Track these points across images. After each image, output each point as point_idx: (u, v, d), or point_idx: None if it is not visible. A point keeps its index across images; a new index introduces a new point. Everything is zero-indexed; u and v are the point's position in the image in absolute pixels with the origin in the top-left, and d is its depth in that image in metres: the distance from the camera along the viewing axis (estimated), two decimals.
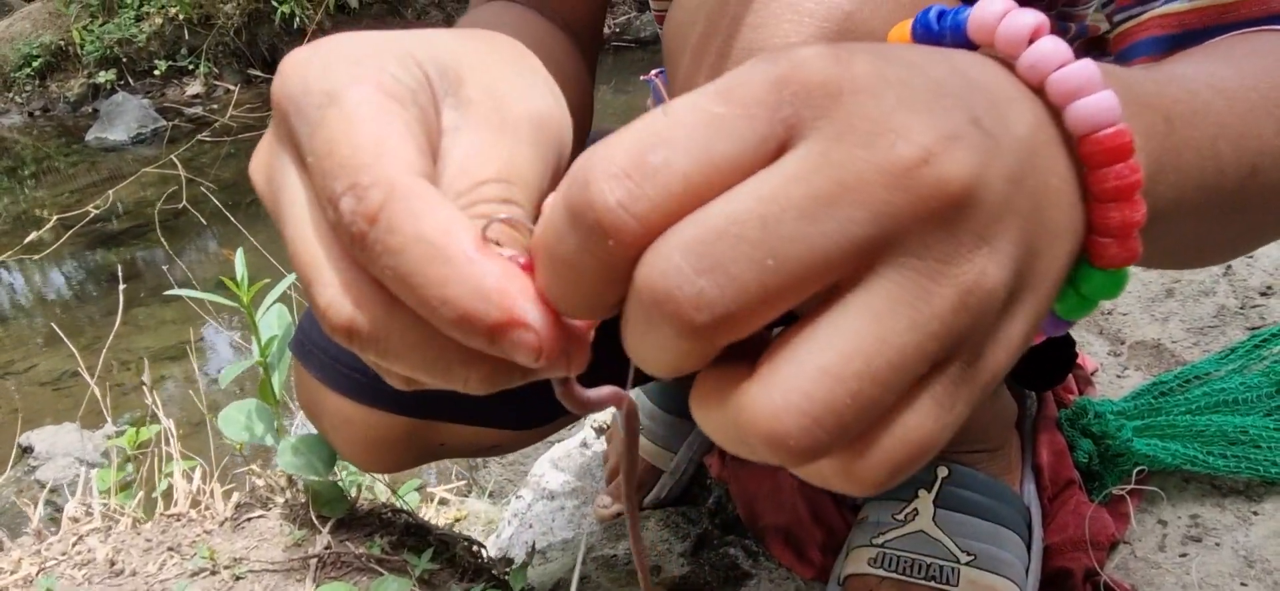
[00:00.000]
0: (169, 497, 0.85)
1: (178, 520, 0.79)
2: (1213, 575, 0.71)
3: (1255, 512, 0.76)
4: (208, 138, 4.68)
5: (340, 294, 0.25)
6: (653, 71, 0.93)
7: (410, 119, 0.26)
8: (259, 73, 5.61)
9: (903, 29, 0.30)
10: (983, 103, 0.23)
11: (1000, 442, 0.75)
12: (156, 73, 5.65)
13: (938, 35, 0.28)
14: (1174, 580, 0.72)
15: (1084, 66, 0.25)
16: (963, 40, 0.27)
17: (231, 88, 5.52)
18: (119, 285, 1.84)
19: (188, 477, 0.85)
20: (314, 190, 0.26)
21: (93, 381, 1.23)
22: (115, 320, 1.78)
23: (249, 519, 0.78)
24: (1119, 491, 0.77)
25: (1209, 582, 0.71)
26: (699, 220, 0.20)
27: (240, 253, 0.75)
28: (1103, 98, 0.25)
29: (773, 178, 0.20)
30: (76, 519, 0.80)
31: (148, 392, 1.08)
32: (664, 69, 0.60)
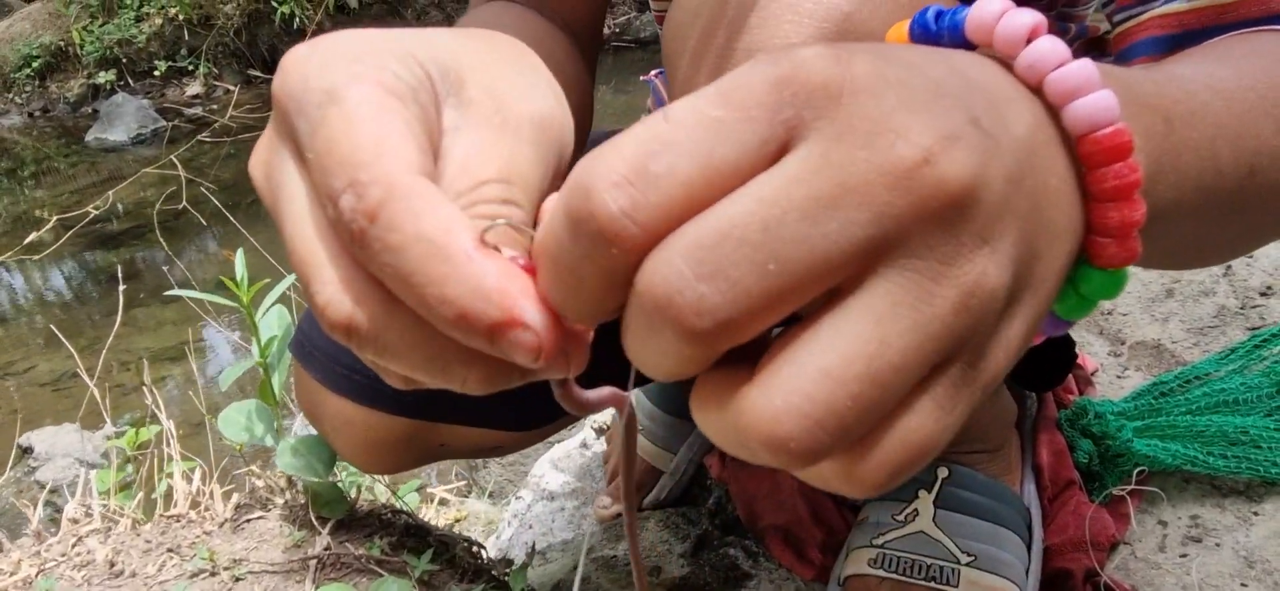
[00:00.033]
0: (169, 498, 0.85)
1: (177, 521, 0.79)
2: (1213, 576, 0.71)
3: (1255, 513, 0.75)
4: (207, 138, 4.69)
5: (339, 291, 0.25)
6: (652, 72, 0.94)
7: (411, 118, 0.26)
8: (259, 73, 5.60)
9: (900, 29, 0.30)
10: (981, 103, 0.23)
11: (1000, 443, 0.74)
12: (156, 73, 5.65)
13: (935, 35, 0.28)
14: (1174, 581, 0.72)
15: (1082, 66, 0.25)
16: (960, 40, 0.27)
17: (231, 88, 5.52)
18: (119, 286, 1.84)
19: (187, 478, 0.85)
20: (313, 187, 0.26)
21: (92, 382, 1.23)
22: (115, 321, 1.78)
23: (249, 520, 0.78)
24: (1119, 492, 0.77)
25: (1209, 583, 0.71)
26: (700, 225, 0.20)
27: (240, 253, 0.75)
28: (1101, 97, 0.25)
29: (773, 180, 0.20)
30: (76, 520, 0.80)
31: (148, 393, 1.08)
32: (663, 69, 0.60)
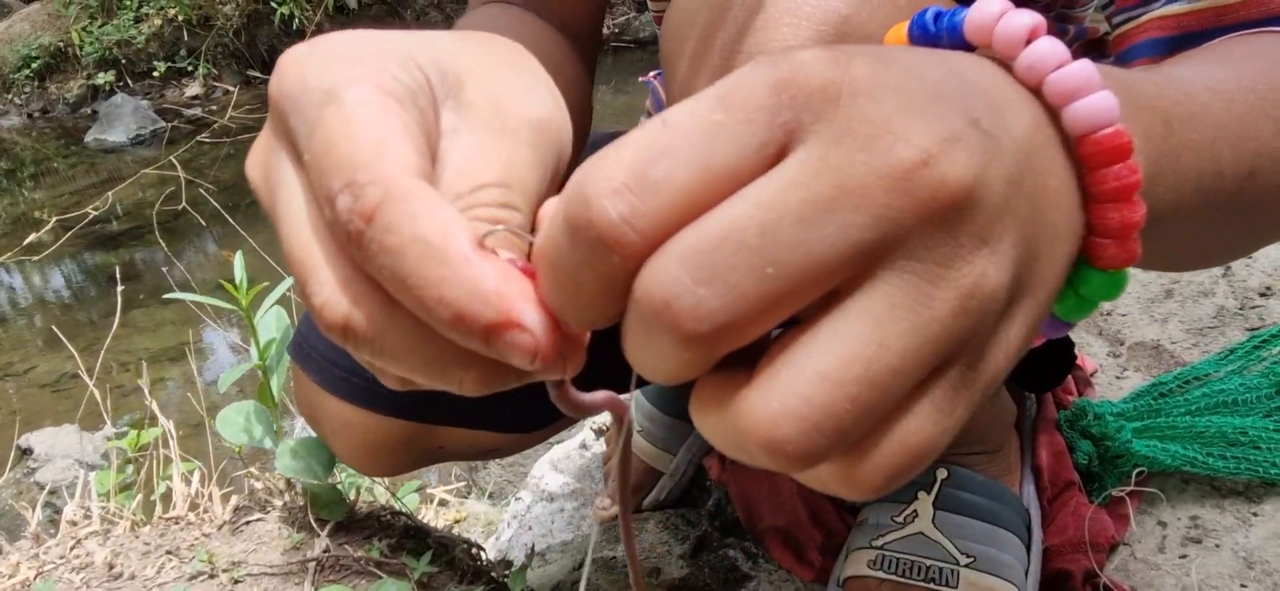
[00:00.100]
0: (167, 500, 0.84)
1: (176, 523, 0.79)
2: (1212, 577, 0.71)
3: (1255, 514, 0.75)
4: (207, 139, 4.69)
5: (336, 292, 0.25)
6: (651, 73, 0.93)
7: (409, 120, 0.26)
8: (258, 74, 5.60)
9: (899, 31, 0.30)
10: (981, 104, 0.22)
11: (999, 444, 0.74)
12: (155, 74, 5.65)
13: (934, 37, 0.28)
14: (1174, 582, 0.72)
15: (1082, 67, 0.25)
16: (960, 42, 0.27)
17: (230, 89, 5.51)
18: (117, 287, 1.84)
19: (186, 480, 0.85)
20: (311, 188, 0.26)
21: (92, 383, 1.23)
22: (113, 321, 1.78)
23: (247, 522, 0.78)
24: (1118, 493, 0.77)
25: (1209, 584, 0.71)
26: (698, 229, 0.20)
27: (238, 256, 0.75)
28: (1101, 98, 0.24)
29: (772, 183, 0.20)
30: (75, 522, 0.80)
31: (147, 396, 1.08)
32: (662, 71, 0.60)
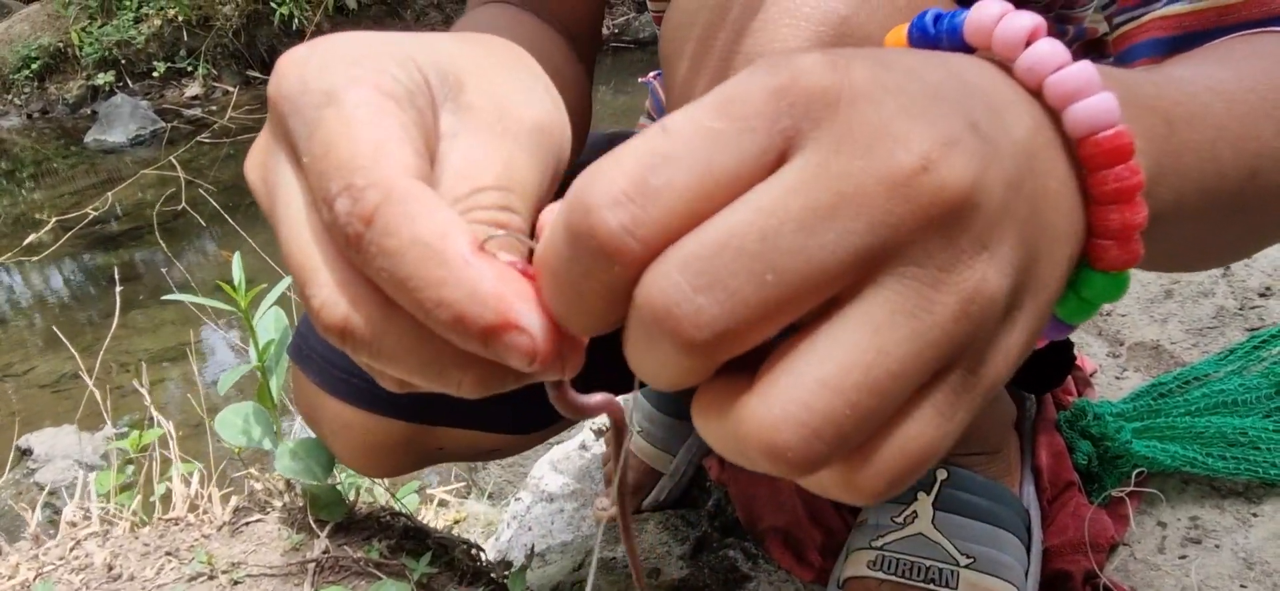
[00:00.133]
0: (167, 501, 0.84)
1: (176, 524, 0.79)
2: (1212, 577, 0.71)
3: (1255, 514, 0.75)
4: (206, 139, 4.68)
5: (335, 294, 0.25)
6: (651, 74, 0.93)
7: (408, 122, 0.26)
8: (258, 74, 5.60)
9: (899, 33, 0.30)
10: (981, 107, 0.22)
11: (999, 445, 0.74)
12: (155, 74, 5.65)
13: (934, 39, 0.28)
14: (1173, 582, 0.72)
15: (1082, 68, 0.25)
16: (959, 43, 0.27)
17: (230, 89, 5.51)
18: (116, 287, 1.84)
19: (186, 481, 0.85)
20: (310, 190, 0.26)
21: (92, 383, 1.23)
22: (113, 322, 1.78)
23: (247, 523, 0.78)
24: (1118, 493, 0.77)
25: (1208, 584, 0.71)
26: (698, 237, 0.20)
27: (237, 257, 0.75)
28: (1102, 100, 0.24)
29: (771, 190, 0.20)
30: (74, 523, 0.80)
31: (146, 397, 1.08)
32: (662, 71, 0.60)
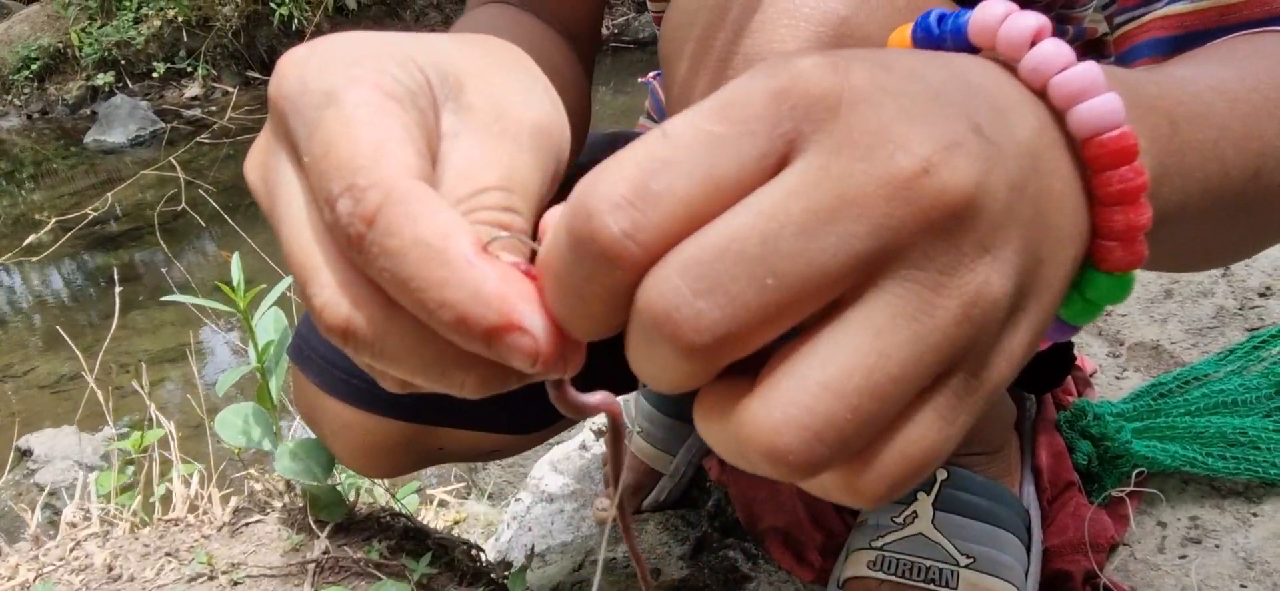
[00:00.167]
0: (167, 502, 0.84)
1: (176, 525, 0.79)
2: (1212, 577, 0.71)
3: (1255, 514, 0.75)
4: (206, 140, 4.68)
5: (336, 294, 0.25)
6: (650, 74, 0.93)
7: (410, 122, 0.26)
8: (257, 75, 5.60)
9: (903, 33, 0.30)
10: (984, 108, 0.22)
11: (999, 445, 0.74)
12: (155, 75, 5.65)
13: (938, 39, 0.28)
14: (1173, 582, 0.72)
15: (1087, 69, 0.24)
16: (964, 44, 0.27)
17: (230, 90, 5.51)
18: (116, 288, 1.84)
19: (186, 482, 0.85)
20: (311, 191, 0.26)
21: (92, 382, 1.23)
22: (112, 323, 1.78)
23: (247, 523, 0.78)
24: (1118, 493, 0.77)
25: (1208, 584, 0.71)
26: (699, 241, 0.20)
27: (236, 257, 0.75)
28: (1106, 100, 0.24)
29: (772, 194, 0.20)
30: (74, 523, 0.80)
31: (146, 398, 1.08)
32: (661, 71, 0.60)
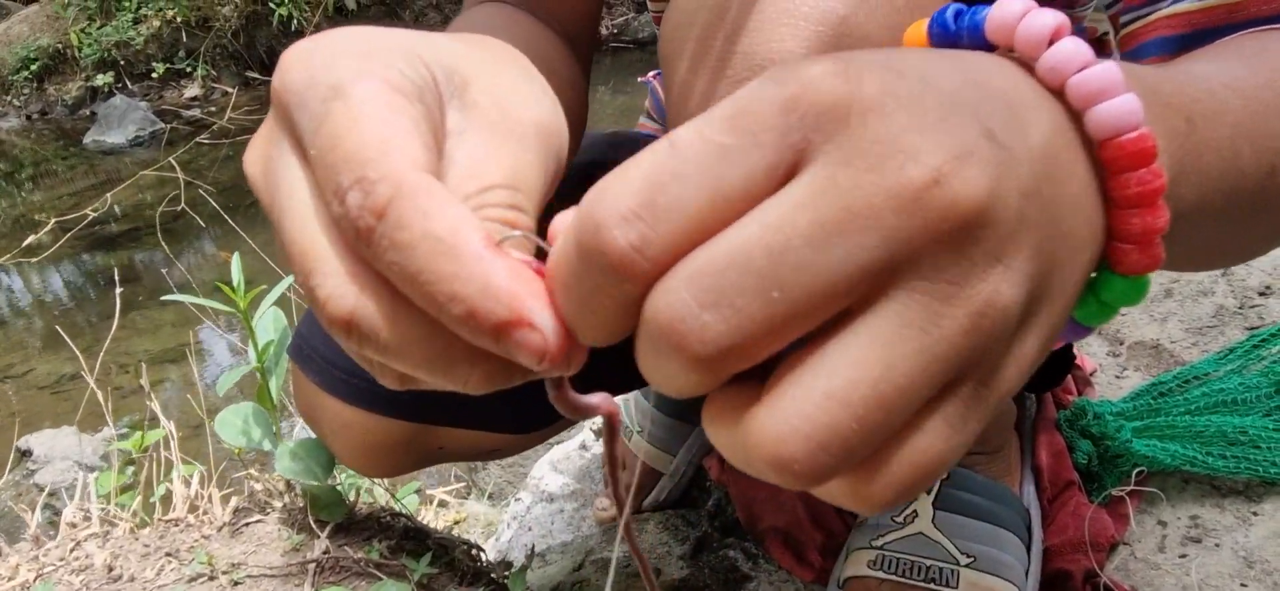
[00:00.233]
0: (167, 502, 0.84)
1: (176, 525, 0.79)
2: (1213, 576, 0.71)
3: (1255, 513, 0.75)
4: (206, 140, 4.68)
5: (341, 286, 0.25)
6: (650, 73, 0.93)
7: (418, 116, 0.26)
8: (257, 75, 5.60)
9: (918, 29, 0.29)
10: (998, 111, 0.22)
11: (999, 444, 0.74)
12: (154, 75, 5.64)
13: (954, 35, 0.28)
14: (1174, 581, 0.72)
15: (1106, 68, 0.24)
16: (980, 41, 0.27)
17: (229, 90, 5.51)
18: (116, 288, 1.84)
19: (186, 482, 0.85)
20: (317, 183, 0.26)
21: (92, 382, 1.23)
22: (113, 323, 1.78)
23: (247, 523, 0.78)
24: (1118, 492, 0.77)
25: (1209, 583, 0.71)
26: (706, 253, 0.20)
27: (236, 257, 0.75)
28: (1125, 101, 0.24)
29: (780, 205, 0.20)
30: (74, 524, 0.80)
31: (149, 398, 1.08)
32: (661, 71, 0.60)
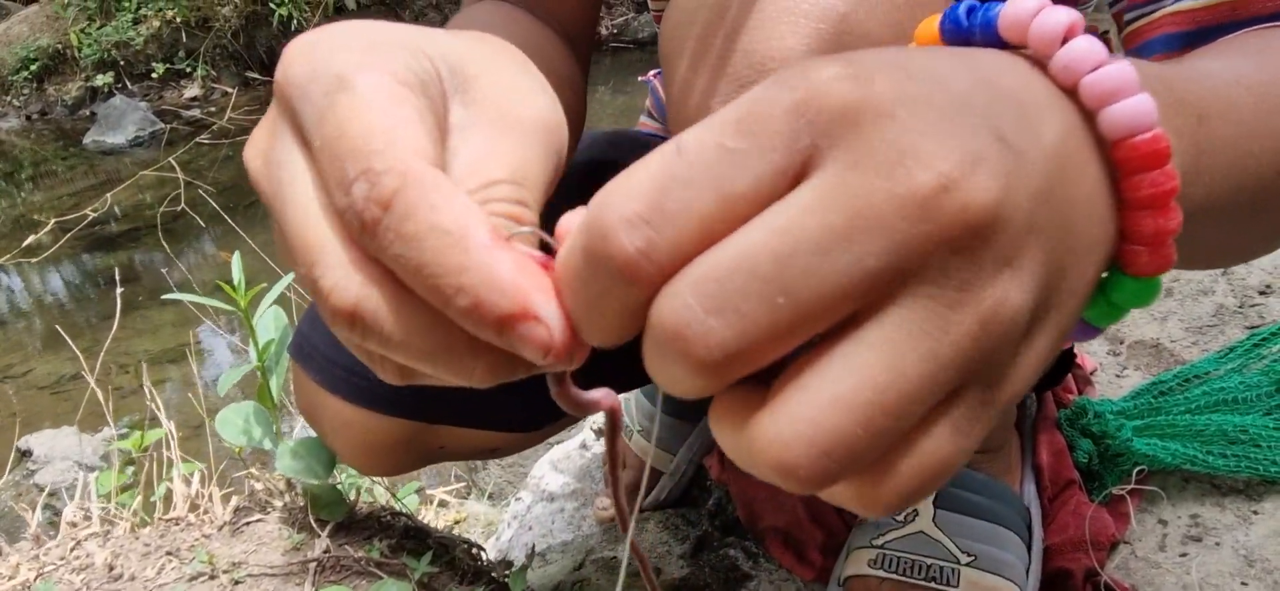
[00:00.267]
0: (168, 501, 0.84)
1: (176, 524, 0.79)
2: (1213, 575, 0.71)
3: (1255, 512, 0.75)
4: (206, 140, 4.68)
5: (344, 277, 0.25)
6: (651, 73, 0.93)
7: (422, 108, 0.26)
8: (257, 75, 5.60)
9: (930, 26, 0.29)
10: (1009, 113, 0.22)
11: (1000, 443, 0.74)
12: (154, 76, 5.64)
13: (967, 33, 0.27)
14: (1174, 580, 0.72)
15: (1120, 68, 0.24)
16: (994, 39, 0.27)
17: (229, 90, 5.51)
18: (117, 288, 1.84)
19: (186, 481, 0.85)
20: (321, 175, 0.25)
21: (93, 382, 1.23)
22: (113, 323, 1.78)
23: (248, 523, 0.78)
24: (1119, 491, 0.77)
25: (1209, 582, 0.71)
26: (712, 258, 0.20)
27: (237, 256, 0.75)
28: (1139, 101, 0.24)
29: (787, 210, 0.20)
30: (75, 523, 0.80)
31: (149, 398, 1.08)
32: (661, 70, 0.60)
